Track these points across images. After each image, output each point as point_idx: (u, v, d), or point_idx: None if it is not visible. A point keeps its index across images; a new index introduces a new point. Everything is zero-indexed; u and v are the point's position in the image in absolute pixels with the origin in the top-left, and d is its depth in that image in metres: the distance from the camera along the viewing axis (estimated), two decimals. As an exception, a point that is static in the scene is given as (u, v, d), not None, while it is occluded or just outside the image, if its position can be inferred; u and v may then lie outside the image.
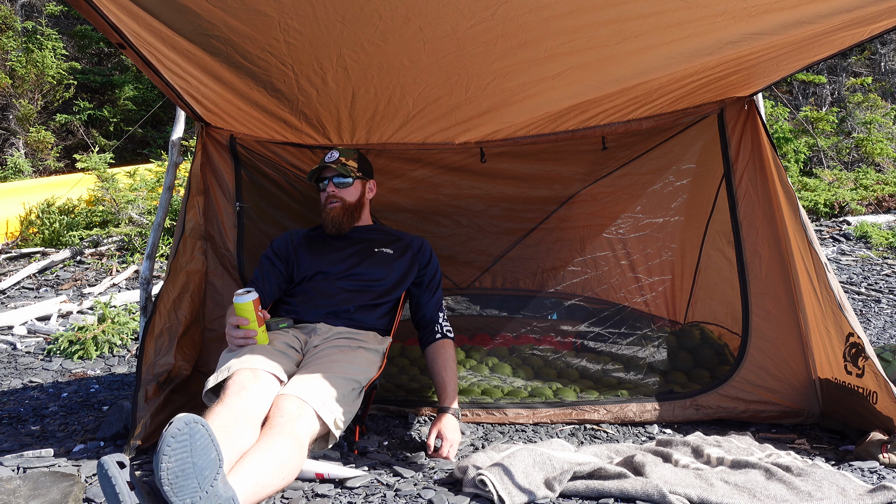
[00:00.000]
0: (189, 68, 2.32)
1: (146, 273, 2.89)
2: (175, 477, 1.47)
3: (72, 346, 4.16)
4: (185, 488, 1.47)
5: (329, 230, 2.72)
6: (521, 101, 2.74)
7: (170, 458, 1.47)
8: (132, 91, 12.60)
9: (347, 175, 2.72)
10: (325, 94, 2.61)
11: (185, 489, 1.47)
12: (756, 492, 1.84)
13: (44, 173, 11.13)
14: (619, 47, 2.28)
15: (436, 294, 2.76)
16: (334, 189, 2.70)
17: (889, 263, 6.46)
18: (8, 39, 11.44)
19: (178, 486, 1.47)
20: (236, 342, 2.22)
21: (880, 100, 11.78)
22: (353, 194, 2.74)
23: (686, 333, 3.24)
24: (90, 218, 7.64)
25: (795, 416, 2.77)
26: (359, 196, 2.77)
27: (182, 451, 1.48)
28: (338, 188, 2.71)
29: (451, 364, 2.61)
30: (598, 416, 2.81)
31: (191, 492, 1.48)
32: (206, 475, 1.51)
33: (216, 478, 1.53)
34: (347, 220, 2.73)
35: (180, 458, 1.48)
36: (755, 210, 2.91)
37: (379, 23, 2.13)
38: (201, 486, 1.49)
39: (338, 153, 2.72)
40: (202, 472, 1.50)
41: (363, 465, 2.19)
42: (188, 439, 1.49)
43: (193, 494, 1.48)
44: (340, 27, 2.15)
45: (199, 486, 1.49)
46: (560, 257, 3.49)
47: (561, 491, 1.86)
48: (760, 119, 2.89)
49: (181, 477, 1.47)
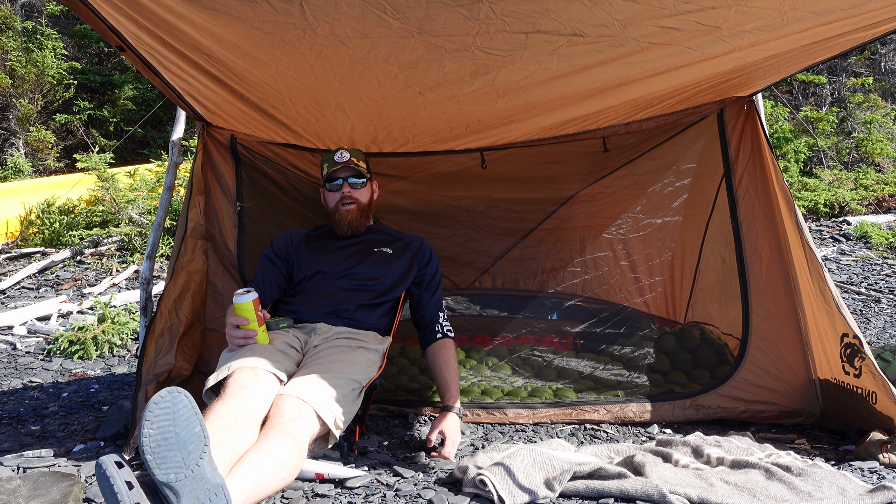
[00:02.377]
0: (189, 69, 2.32)
1: (146, 273, 2.89)
2: (157, 445, 1.43)
3: (72, 346, 4.16)
4: (169, 460, 1.43)
5: (344, 232, 2.71)
6: (523, 120, 2.80)
7: (152, 424, 1.43)
8: (132, 91, 12.60)
9: (362, 175, 2.72)
10: (323, 123, 2.66)
11: (168, 461, 1.43)
12: (756, 492, 1.84)
13: (44, 173, 11.13)
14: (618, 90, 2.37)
15: (436, 294, 2.76)
16: (350, 190, 2.69)
17: (889, 263, 6.46)
18: (8, 39, 11.44)
19: (161, 457, 1.43)
20: (237, 342, 2.22)
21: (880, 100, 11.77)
22: (365, 195, 2.75)
23: (686, 333, 3.24)
24: (90, 218, 7.64)
25: (795, 416, 2.77)
26: (370, 196, 2.78)
27: (164, 417, 1.45)
28: (353, 189, 2.70)
29: (453, 363, 2.61)
30: (598, 416, 2.81)
31: (175, 466, 1.43)
32: (191, 450, 1.47)
33: (202, 457, 1.49)
34: (363, 221, 2.74)
35: (162, 426, 1.44)
36: (755, 210, 2.91)
37: (378, 87, 2.14)
38: (186, 462, 1.45)
39: (348, 153, 2.71)
40: (186, 446, 1.46)
41: (363, 465, 2.19)
42: (170, 406, 1.47)
43: (178, 470, 1.44)
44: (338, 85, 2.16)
45: (184, 461, 1.45)
46: (560, 258, 3.49)
47: (561, 491, 1.86)
48: (760, 120, 2.89)
49: (164, 446, 1.43)
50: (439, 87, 2.12)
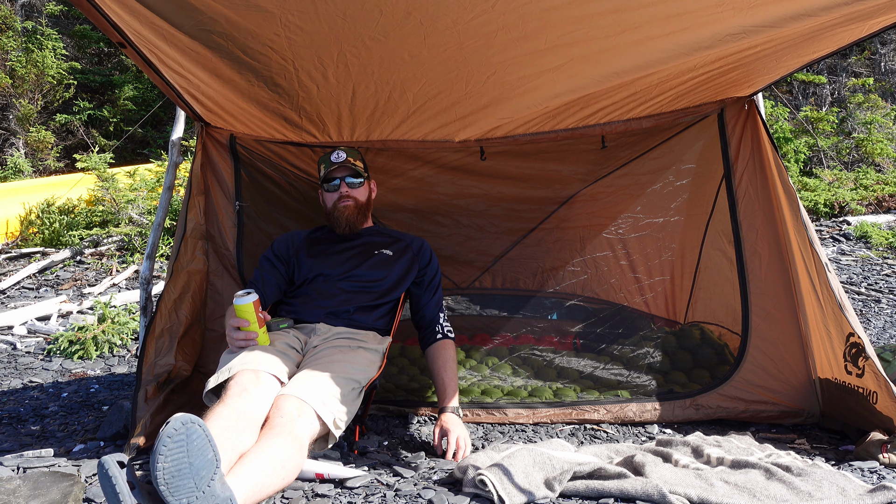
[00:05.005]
0: (189, 66, 2.32)
1: (146, 273, 2.89)
2: (171, 477, 1.46)
3: (72, 346, 4.16)
4: (182, 488, 1.47)
5: (342, 230, 2.73)
6: (521, 96, 2.74)
7: (166, 458, 1.47)
8: (132, 91, 12.60)
9: (360, 174, 2.73)
10: (325, 89, 2.61)
11: (181, 489, 1.47)
12: (756, 492, 1.84)
13: (44, 173, 11.12)
14: (618, 38, 2.29)
15: (436, 294, 2.76)
16: (347, 189, 2.71)
17: (889, 263, 6.46)
18: (8, 39, 11.43)
19: (175, 486, 1.46)
20: (237, 344, 2.22)
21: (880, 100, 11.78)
22: (363, 194, 2.76)
23: (686, 333, 3.24)
24: (90, 218, 7.64)
25: (795, 416, 2.77)
26: (367, 195, 2.79)
27: (178, 451, 1.48)
28: (350, 188, 2.72)
29: (451, 364, 2.61)
30: (598, 416, 2.81)
31: (187, 492, 1.47)
32: (203, 475, 1.51)
33: (213, 478, 1.52)
34: (360, 220, 2.76)
35: (176, 459, 1.47)
36: (755, 210, 2.91)
37: (380, 18, 2.13)
38: (198, 486, 1.49)
39: (345, 153, 2.72)
40: (199, 473, 1.50)
41: (363, 465, 2.19)
42: (185, 439, 1.49)
43: (190, 494, 1.47)
44: (341, 22, 2.15)
45: (196, 486, 1.49)
46: (560, 257, 3.49)
47: (561, 491, 1.86)
48: (761, 119, 2.89)
49: (177, 477, 1.47)
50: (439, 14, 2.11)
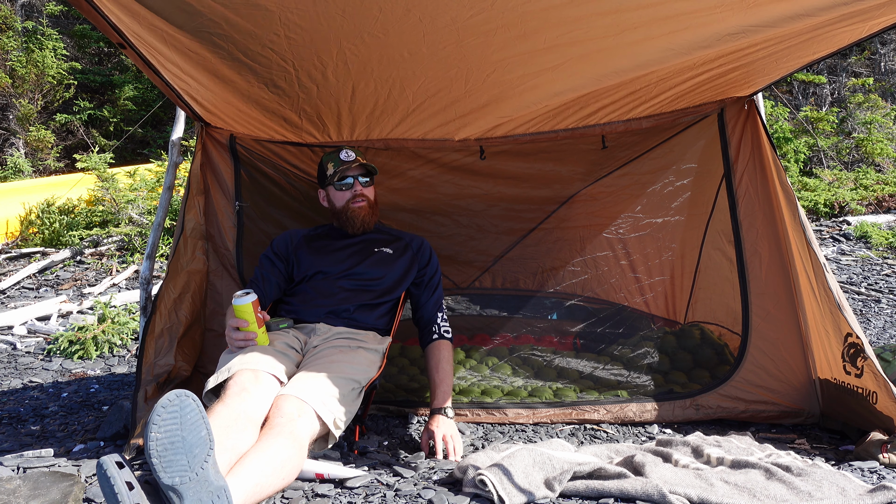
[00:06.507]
0: (189, 68, 2.32)
1: (146, 273, 2.89)
2: (164, 450, 1.45)
3: (72, 346, 4.16)
4: (174, 464, 1.45)
5: (356, 229, 2.72)
6: (520, 94, 2.74)
7: (159, 428, 1.45)
8: (132, 91, 12.60)
9: (371, 173, 2.75)
10: (325, 89, 2.61)
11: (173, 464, 1.45)
12: (756, 492, 1.83)
13: (44, 173, 11.13)
14: (617, 38, 2.29)
15: (435, 294, 2.75)
16: (361, 188, 2.71)
17: (889, 263, 6.46)
18: (8, 39, 11.44)
19: (167, 461, 1.45)
20: (237, 344, 2.22)
21: (880, 100, 11.79)
22: (373, 193, 2.77)
23: (686, 333, 3.24)
24: (90, 218, 7.64)
25: (795, 416, 2.77)
26: (375, 194, 2.80)
27: (172, 422, 1.47)
28: (363, 186, 2.72)
29: (444, 365, 2.58)
30: (598, 416, 2.81)
31: (180, 469, 1.45)
32: (196, 454, 1.48)
33: (206, 460, 1.50)
34: (373, 219, 2.76)
35: (169, 430, 1.46)
36: (755, 210, 2.91)
37: (379, 15, 2.13)
38: (191, 465, 1.47)
39: (354, 152, 2.72)
40: (192, 450, 1.48)
41: (363, 465, 2.19)
42: (178, 411, 1.48)
43: (183, 473, 1.45)
44: (340, 20, 2.15)
45: (189, 465, 1.46)
46: (560, 257, 3.49)
47: (561, 491, 1.86)
48: (761, 119, 2.89)
49: (170, 450, 1.45)
50: (439, 12, 2.11)
